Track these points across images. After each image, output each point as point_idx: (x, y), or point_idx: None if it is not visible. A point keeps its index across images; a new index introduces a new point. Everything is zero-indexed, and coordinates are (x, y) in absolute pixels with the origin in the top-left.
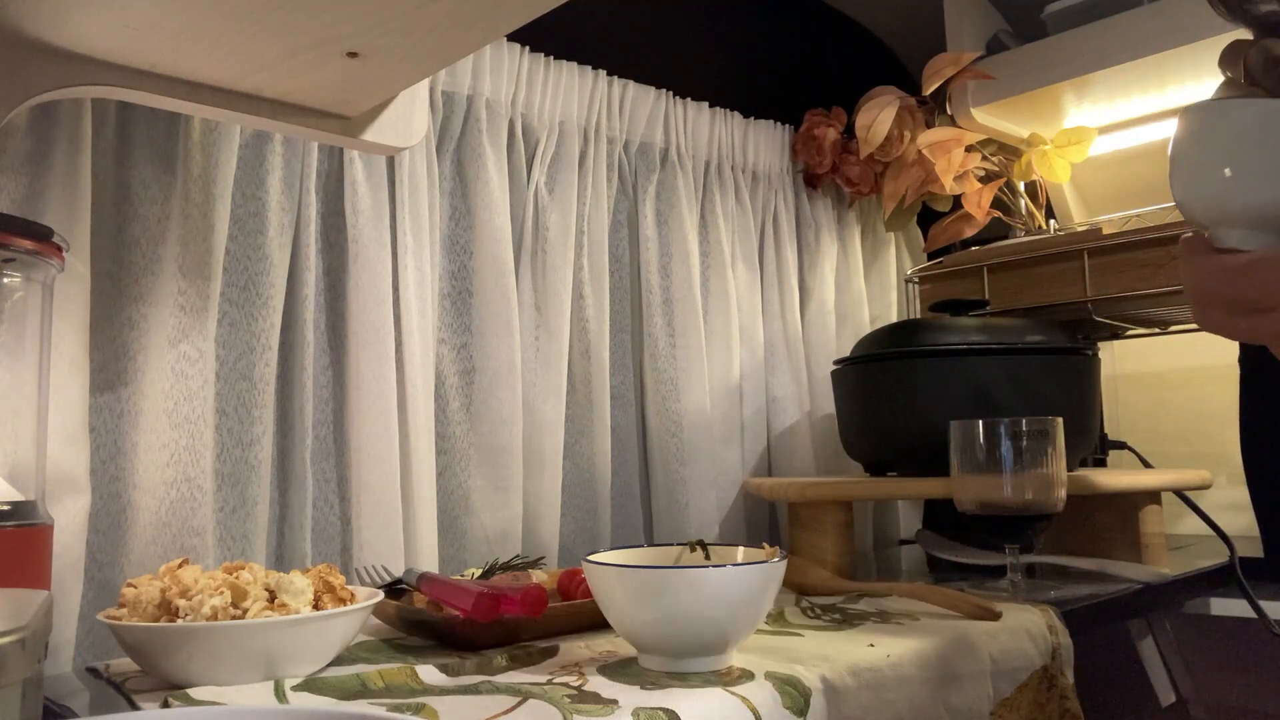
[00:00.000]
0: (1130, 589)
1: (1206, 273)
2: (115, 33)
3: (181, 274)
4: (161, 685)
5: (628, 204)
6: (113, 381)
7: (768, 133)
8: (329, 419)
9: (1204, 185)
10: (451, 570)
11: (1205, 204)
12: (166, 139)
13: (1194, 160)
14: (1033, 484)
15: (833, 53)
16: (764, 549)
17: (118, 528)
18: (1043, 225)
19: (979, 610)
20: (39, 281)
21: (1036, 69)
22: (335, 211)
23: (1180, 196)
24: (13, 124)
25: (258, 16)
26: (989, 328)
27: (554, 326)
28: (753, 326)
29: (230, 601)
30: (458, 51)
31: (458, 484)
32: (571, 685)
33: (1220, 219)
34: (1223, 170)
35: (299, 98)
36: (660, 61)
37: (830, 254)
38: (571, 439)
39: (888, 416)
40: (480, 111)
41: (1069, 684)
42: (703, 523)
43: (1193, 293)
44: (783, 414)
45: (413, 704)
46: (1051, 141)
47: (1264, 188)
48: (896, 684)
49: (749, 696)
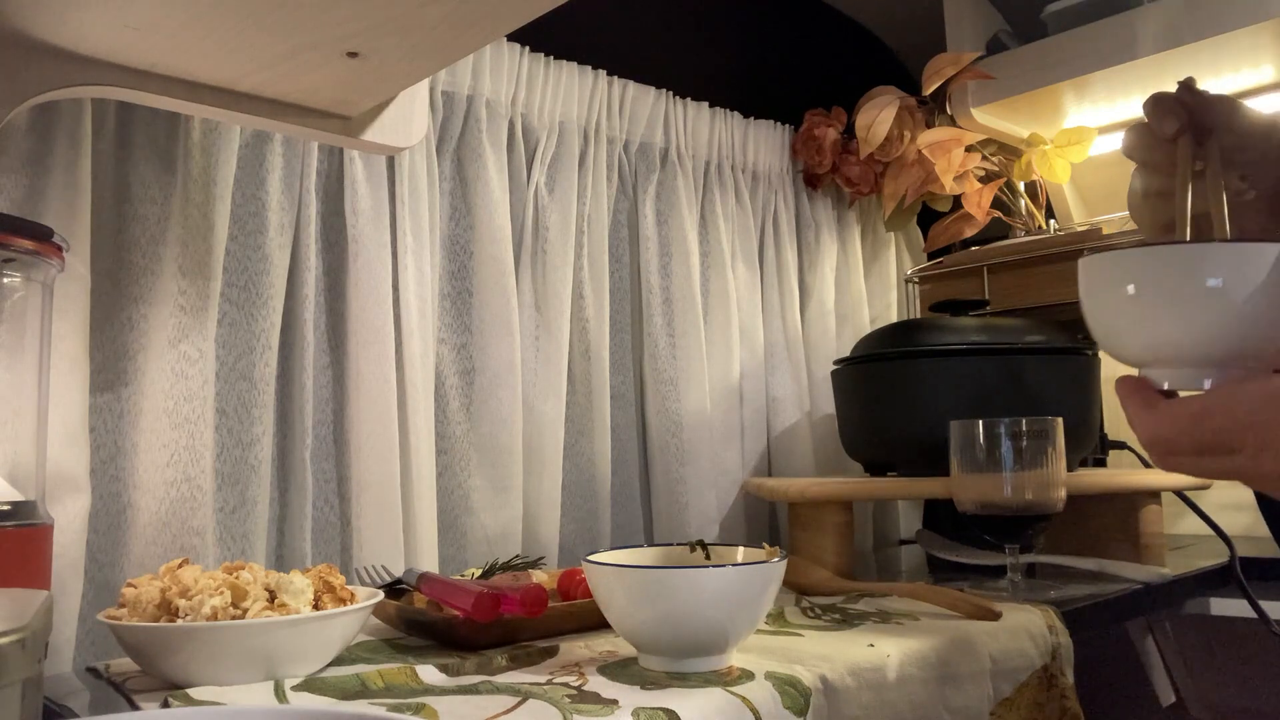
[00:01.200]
0: (1130, 589)
1: (1160, 422)
2: (115, 33)
3: (181, 274)
4: (161, 685)
5: (628, 204)
6: (113, 381)
7: (768, 133)
8: (329, 419)
9: (1112, 336)
10: (451, 570)
11: (1123, 353)
12: (166, 139)
13: (1095, 312)
14: (1033, 484)
15: (833, 53)
16: (764, 549)
17: (118, 528)
18: (1043, 225)
19: (979, 610)
20: (39, 281)
21: (1036, 69)
22: (335, 211)
23: (1101, 344)
24: (13, 124)
25: (258, 16)
26: (989, 328)
27: (554, 326)
28: (753, 326)
29: (230, 601)
30: (458, 51)
31: (458, 484)
32: (571, 685)
33: (1143, 364)
34: (1122, 321)
35: (299, 98)
36: (660, 61)
37: (830, 254)
38: (571, 439)
39: (888, 416)
40: (480, 111)
41: (1069, 684)
42: (703, 523)
43: (1149, 443)
44: (783, 414)
45: (413, 704)
46: (1051, 141)
47: (1162, 333)
48: (896, 684)
49: (749, 696)
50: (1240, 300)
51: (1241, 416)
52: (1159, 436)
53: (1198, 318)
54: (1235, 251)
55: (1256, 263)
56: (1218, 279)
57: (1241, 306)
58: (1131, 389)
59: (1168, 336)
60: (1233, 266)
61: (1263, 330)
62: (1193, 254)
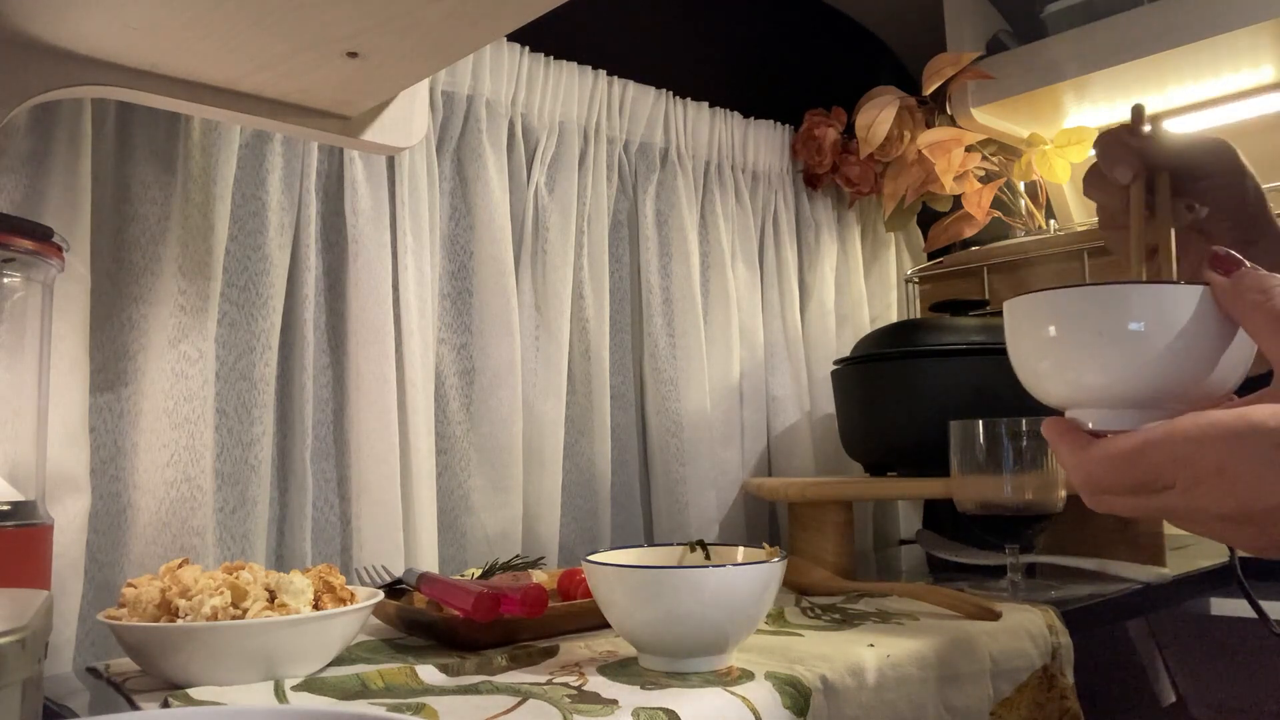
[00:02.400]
0: (1130, 589)
1: (1090, 462)
2: (115, 33)
3: (181, 274)
4: (161, 685)
5: (628, 204)
6: (113, 381)
7: (768, 133)
8: (329, 419)
9: (1036, 377)
10: (451, 570)
11: (1047, 396)
12: (166, 139)
13: (1020, 354)
14: (1033, 484)
15: (833, 53)
16: (764, 549)
17: (118, 528)
18: (1043, 225)
19: (979, 610)
20: (39, 281)
21: (1036, 69)
22: (335, 211)
23: (1027, 386)
24: (13, 124)
25: (258, 16)
26: (989, 328)
27: (554, 326)
28: (753, 326)
29: (230, 601)
30: (458, 51)
31: (458, 484)
32: (571, 685)
33: (1068, 406)
34: (1045, 363)
35: (299, 98)
36: (660, 61)
37: (830, 254)
38: (571, 439)
39: (888, 416)
40: (480, 111)
41: (1069, 684)
42: (703, 523)
43: (1082, 484)
44: (783, 414)
45: (413, 704)
46: (1051, 141)
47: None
48: (896, 684)
49: (749, 696)
50: (1161, 343)
51: (1174, 452)
52: (1090, 476)
53: (1119, 360)
54: (1156, 294)
55: (1178, 305)
56: (1139, 322)
57: (1163, 349)
58: (1061, 430)
59: (1091, 378)
60: (1154, 309)
61: (1186, 372)
62: (1113, 296)
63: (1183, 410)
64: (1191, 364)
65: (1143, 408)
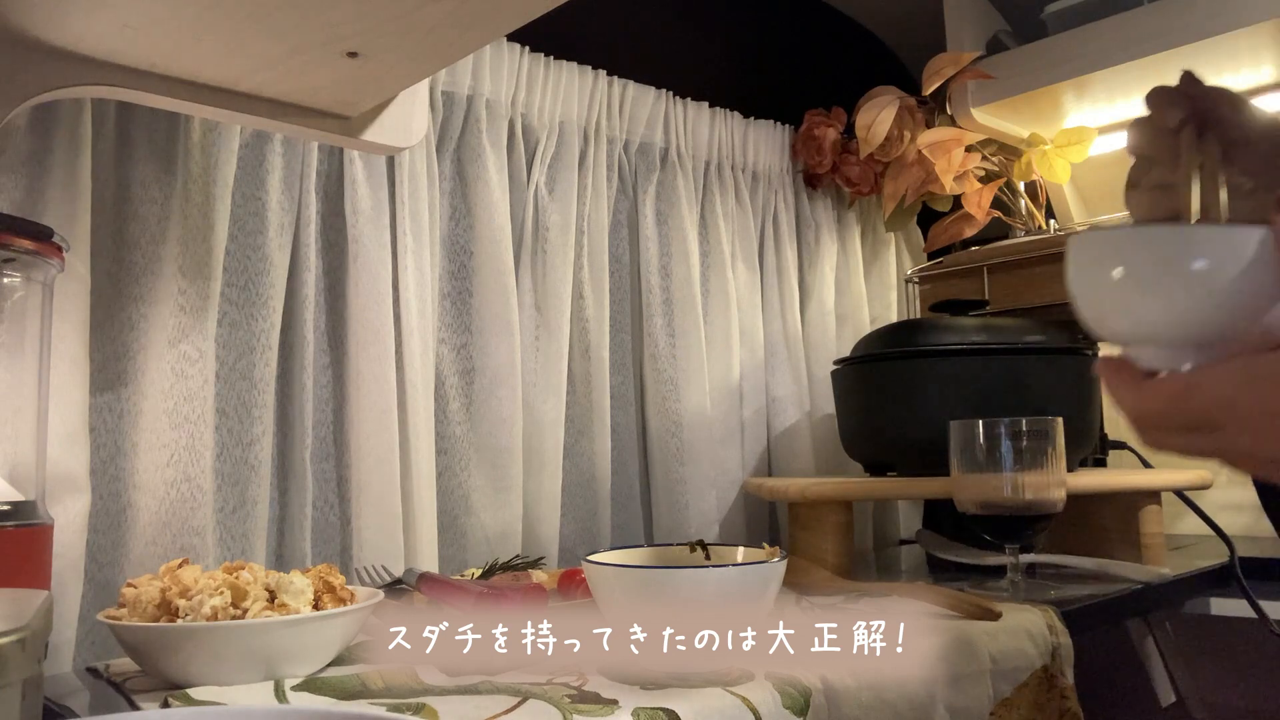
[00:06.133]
0: (1130, 589)
1: (1143, 399)
2: (115, 33)
3: (181, 274)
4: (161, 685)
5: (628, 204)
6: (113, 381)
7: (768, 133)
8: (329, 419)
9: (1098, 315)
10: (451, 570)
11: (1108, 332)
12: (166, 139)
13: (1083, 291)
14: (1033, 484)
15: (833, 53)
16: (764, 549)
17: (118, 528)
18: (1043, 225)
19: (979, 610)
20: (39, 281)
21: (1036, 69)
22: (335, 211)
23: (1086, 322)
24: (13, 124)
25: (258, 16)
26: (989, 328)
27: (554, 326)
28: (753, 326)
29: (230, 601)
30: (458, 51)
31: (458, 484)
32: (571, 685)
33: (1127, 343)
34: (1108, 300)
35: (299, 98)
36: (660, 61)
37: (830, 254)
38: (571, 439)
39: (888, 416)
40: (480, 111)
41: (1069, 684)
42: (703, 523)
43: (1134, 419)
44: (783, 414)
45: (413, 704)
46: (1051, 141)
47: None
48: (896, 684)
49: (749, 696)
50: (1225, 283)
51: (1224, 394)
52: (1145, 413)
53: (1182, 299)
54: (1222, 234)
55: (1242, 246)
56: (1204, 261)
57: (1226, 289)
58: (1115, 368)
59: (1152, 317)
60: (1219, 249)
61: (1245, 314)
62: (1180, 235)
63: (1237, 352)
64: (1249, 306)
65: (1199, 348)
